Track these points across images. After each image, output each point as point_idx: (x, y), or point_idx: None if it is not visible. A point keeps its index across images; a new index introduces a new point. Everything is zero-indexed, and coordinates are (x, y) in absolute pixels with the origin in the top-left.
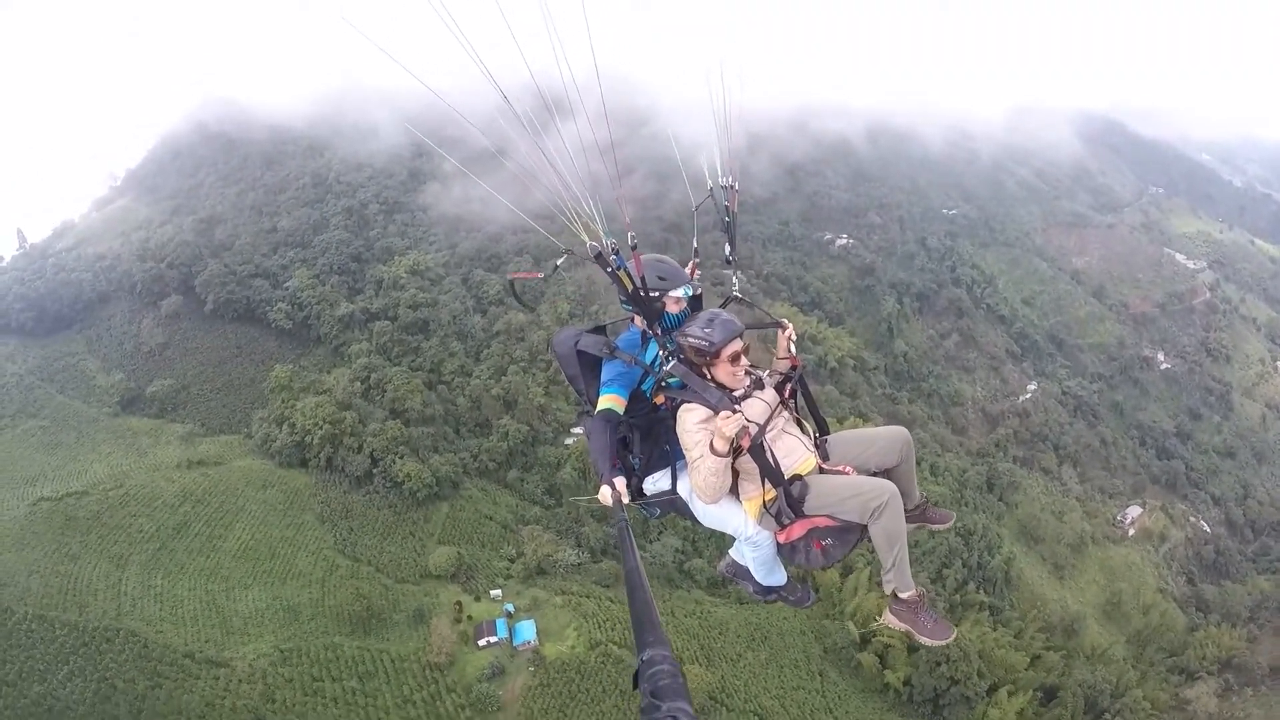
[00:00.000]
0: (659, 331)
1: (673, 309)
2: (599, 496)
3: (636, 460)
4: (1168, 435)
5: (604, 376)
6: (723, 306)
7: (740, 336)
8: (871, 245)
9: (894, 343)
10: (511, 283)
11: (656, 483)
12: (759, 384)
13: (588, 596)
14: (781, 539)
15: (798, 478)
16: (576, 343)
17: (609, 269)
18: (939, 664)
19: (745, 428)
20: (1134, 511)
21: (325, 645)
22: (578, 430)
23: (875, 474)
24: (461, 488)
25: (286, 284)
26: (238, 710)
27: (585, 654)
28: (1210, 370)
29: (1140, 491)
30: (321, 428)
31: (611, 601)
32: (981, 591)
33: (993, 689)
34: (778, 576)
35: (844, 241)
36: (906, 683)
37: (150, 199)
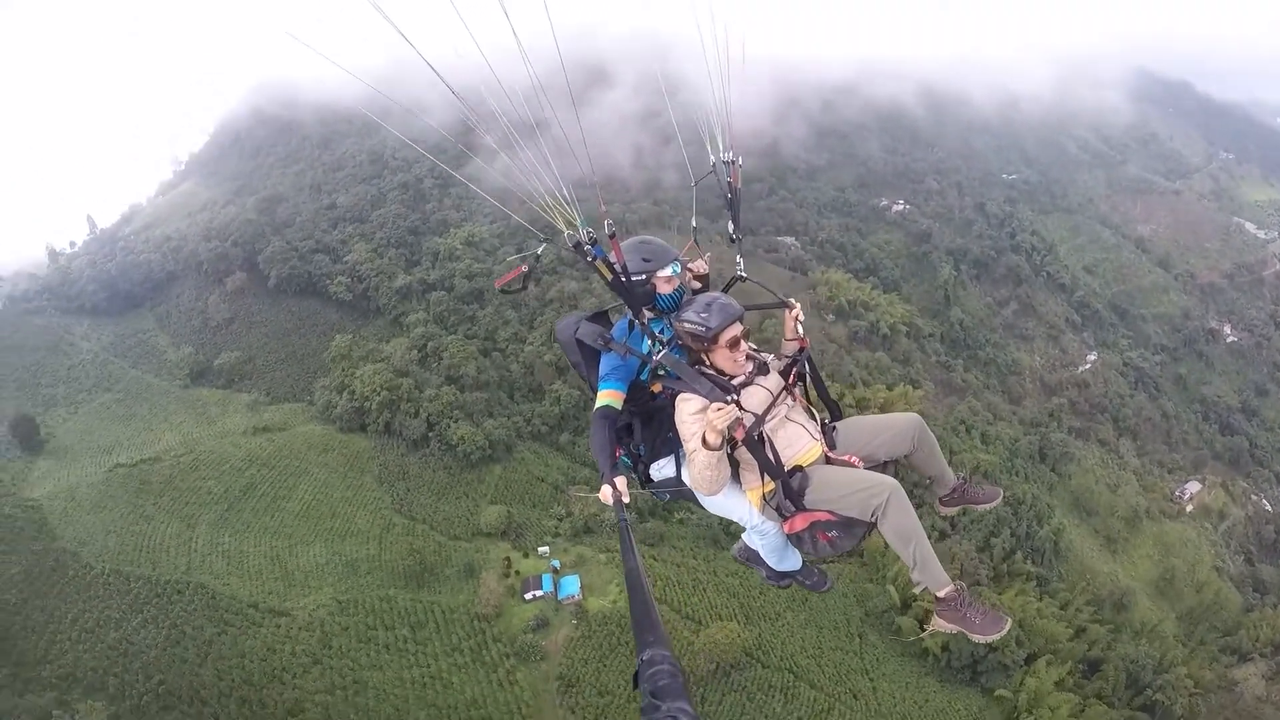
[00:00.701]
0: (645, 320)
1: (664, 289)
2: (599, 495)
3: (641, 447)
4: (1232, 411)
5: (601, 370)
6: (727, 288)
7: (740, 320)
8: (928, 211)
9: (950, 310)
10: (502, 290)
11: (661, 469)
12: (763, 369)
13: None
14: (786, 530)
15: (799, 469)
16: (576, 331)
17: (588, 259)
18: None
19: (739, 419)
20: (1193, 487)
21: (380, 597)
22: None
23: (886, 464)
24: (514, 450)
25: (346, 258)
26: (297, 655)
27: (625, 608)
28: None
29: (1200, 467)
30: (380, 394)
31: (654, 560)
32: (1029, 562)
33: (1031, 658)
34: (791, 562)
35: (900, 207)
36: (945, 648)
37: (213, 181)
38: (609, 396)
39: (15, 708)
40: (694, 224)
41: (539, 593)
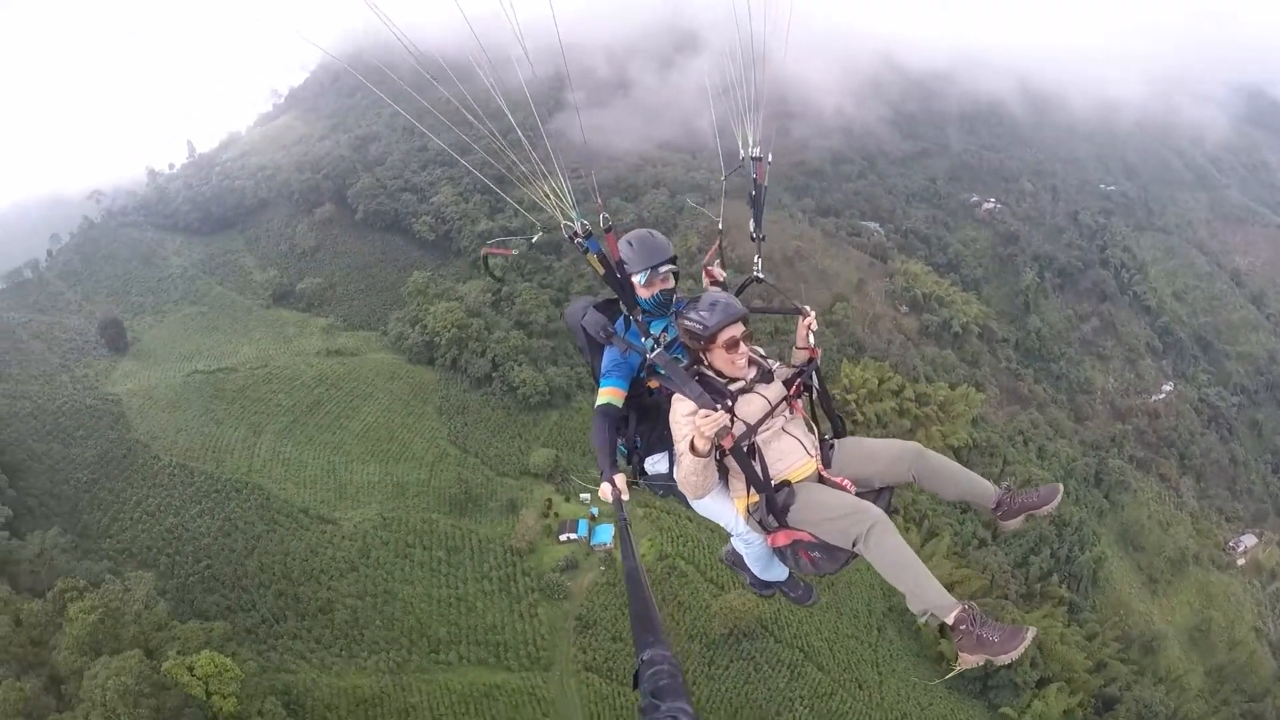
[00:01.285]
0: (639, 317)
1: (643, 294)
2: (600, 494)
3: (638, 440)
4: None
5: (603, 365)
6: (741, 289)
7: (742, 322)
8: (1019, 213)
9: (1029, 318)
10: (485, 257)
11: (655, 465)
12: (766, 376)
13: (668, 512)
14: (769, 543)
15: (786, 484)
16: (583, 317)
17: (581, 251)
18: None
19: (727, 428)
20: (1248, 540)
21: (423, 519)
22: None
23: (882, 490)
24: (573, 399)
25: (432, 199)
26: (336, 560)
27: (653, 564)
28: None
29: (1260, 521)
30: (450, 331)
31: (689, 521)
32: (1064, 586)
33: (1044, 682)
34: (776, 572)
35: (991, 205)
36: (957, 655)
37: (310, 117)
38: (610, 394)
39: (74, 570)
40: (720, 225)
41: (573, 536)
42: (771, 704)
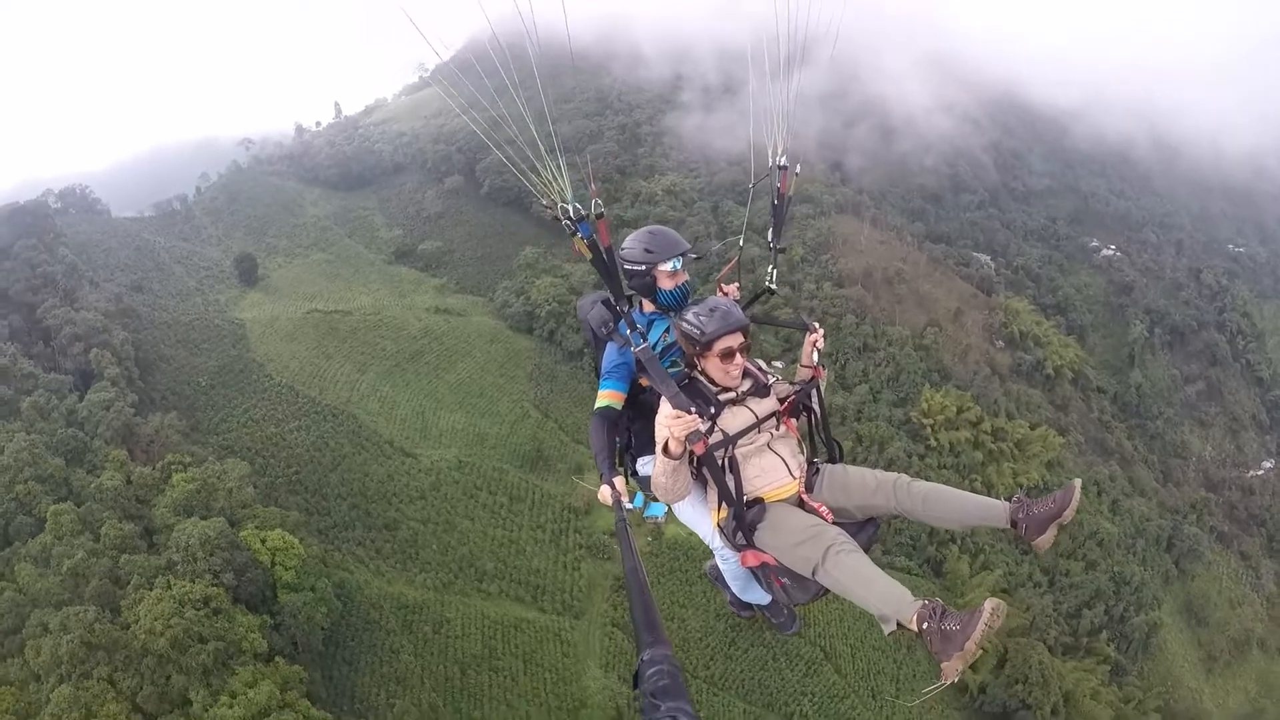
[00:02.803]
0: (625, 309)
1: (665, 284)
2: (599, 496)
3: (632, 439)
4: None
5: (604, 364)
6: (752, 301)
7: (741, 332)
8: (1139, 263)
9: (1131, 372)
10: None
11: (645, 466)
12: (762, 390)
13: None
14: (740, 563)
15: (760, 501)
16: (591, 310)
17: (570, 234)
18: (1017, 682)
19: (699, 433)
20: None
21: (495, 468)
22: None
23: (866, 522)
24: None
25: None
26: (409, 488)
27: (697, 542)
28: None
29: None
30: (551, 304)
31: None
32: (1113, 646)
33: None
34: (756, 595)
35: (1109, 252)
36: (982, 689)
37: (451, 93)
38: (609, 397)
39: (181, 448)
40: (740, 242)
41: (630, 505)
42: (782, 694)
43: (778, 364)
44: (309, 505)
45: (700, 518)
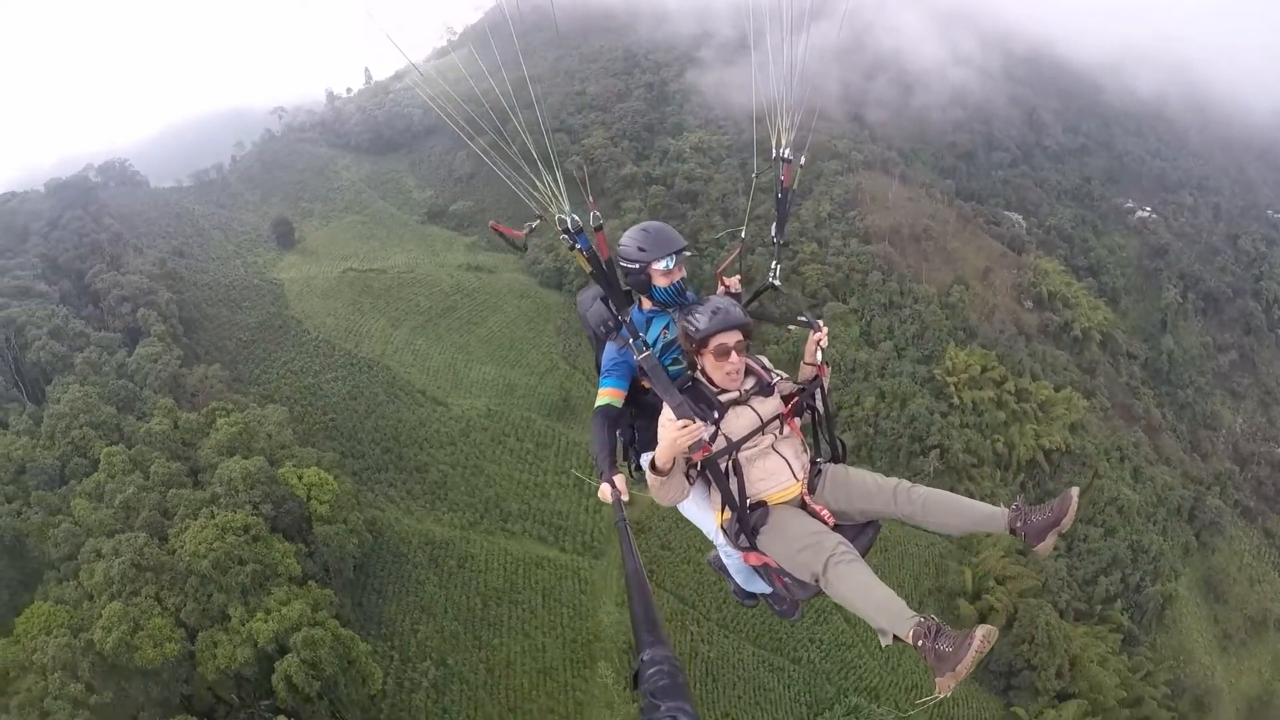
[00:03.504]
0: (625, 318)
1: (660, 282)
2: (600, 495)
3: (636, 435)
4: None
5: (603, 362)
6: (754, 297)
7: (738, 331)
8: (1175, 227)
9: (1163, 338)
10: (496, 232)
11: (648, 462)
12: (765, 389)
13: None
14: (742, 561)
15: (763, 504)
16: (591, 308)
17: (570, 248)
18: (1024, 642)
19: (702, 441)
20: None
21: (523, 416)
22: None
23: (866, 525)
24: None
25: (583, 140)
26: (440, 434)
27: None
28: None
29: None
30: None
31: None
32: (1126, 616)
33: (1066, 696)
34: (759, 586)
35: (1144, 214)
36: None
37: (482, 54)
38: (609, 395)
39: (227, 400)
40: (743, 234)
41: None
42: (791, 640)
43: (763, 360)
44: (344, 449)
45: (704, 515)
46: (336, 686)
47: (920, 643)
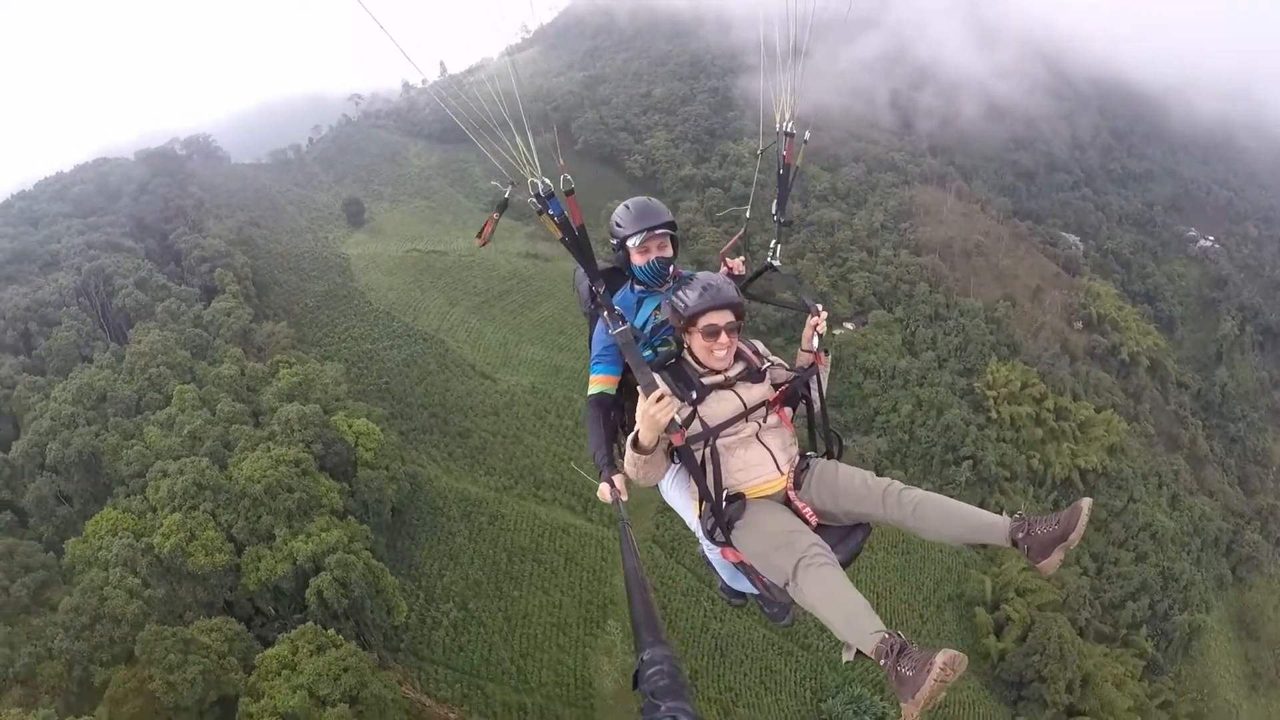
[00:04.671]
0: (600, 290)
1: (636, 260)
2: (599, 495)
3: (624, 422)
4: None
5: (593, 346)
6: (754, 278)
7: (730, 311)
8: (1237, 258)
9: (1217, 369)
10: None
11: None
12: (755, 375)
13: None
14: (722, 556)
15: (740, 497)
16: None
17: (537, 213)
18: (1035, 653)
19: (677, 423)
20: None
21: (565, 395)
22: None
23: (853, 529)
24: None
25: (646, 140)
26: (485, 404)
27: None
28: None
29: None
30: None
31: None
32: (1151, 643)
33: (1076, 713)
34: (745, 584)
35: (1207, 244)
36: (1002, 656)
37: (551, 54)
38: (601, 382)
39: (290, 354)
40: (747, 212)
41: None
42: (803, 625)
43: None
44: (393, 410)
45: (686, 505)
46: (364, 610)
47: (883, 661)
